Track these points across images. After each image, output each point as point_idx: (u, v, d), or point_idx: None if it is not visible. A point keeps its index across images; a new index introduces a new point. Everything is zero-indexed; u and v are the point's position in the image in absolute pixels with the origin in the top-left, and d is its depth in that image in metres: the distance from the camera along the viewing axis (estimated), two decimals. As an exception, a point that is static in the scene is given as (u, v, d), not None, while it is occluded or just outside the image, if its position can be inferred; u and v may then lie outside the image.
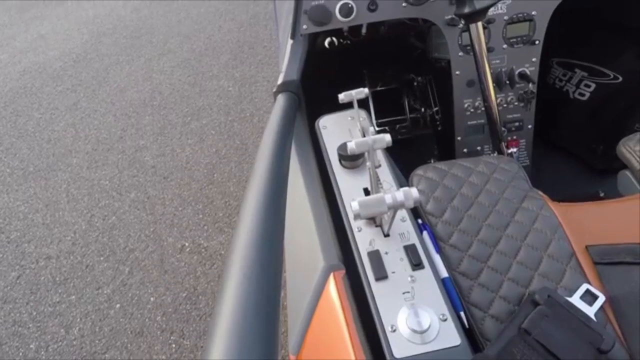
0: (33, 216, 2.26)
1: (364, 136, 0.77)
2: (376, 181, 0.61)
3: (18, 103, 3.43)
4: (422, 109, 1.41)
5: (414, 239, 0.62)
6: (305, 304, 0.57)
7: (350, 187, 0.71)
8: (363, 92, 0.77)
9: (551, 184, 1.21)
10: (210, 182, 2.25)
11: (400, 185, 0.72)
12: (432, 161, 1.30)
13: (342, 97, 0.78)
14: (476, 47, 0.83)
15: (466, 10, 0.77)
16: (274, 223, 0.47)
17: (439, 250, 0.64)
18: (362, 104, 1.57)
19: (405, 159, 1.52)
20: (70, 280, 1.89)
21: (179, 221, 2.06)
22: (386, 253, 0.60)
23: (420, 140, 1.50)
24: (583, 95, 1.24)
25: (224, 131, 2.57)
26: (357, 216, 0.51)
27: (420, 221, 0.67)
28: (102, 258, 1.96)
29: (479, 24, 0.80)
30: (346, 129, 0.80)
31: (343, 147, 0.73)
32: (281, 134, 0.71)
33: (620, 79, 1.16)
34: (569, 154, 1.33)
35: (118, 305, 1.76)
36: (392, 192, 0.51)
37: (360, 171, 0.73)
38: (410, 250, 0.60)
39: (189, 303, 1.72)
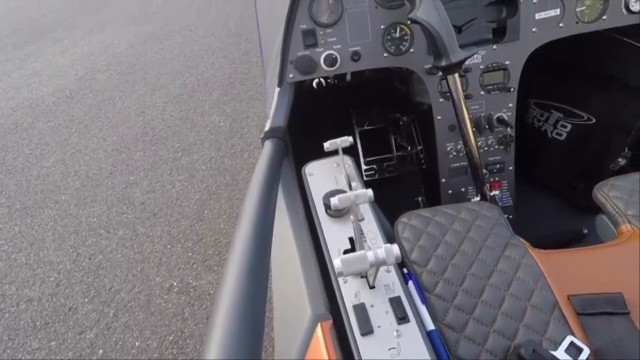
0: (16, 256, 2.20)
1: (350, 184, 0.79)
2: (360, 236, 0.62)
3: (8, 139, 3.43)
4: (409, 148, 1.45)
5: (399, 290, 0.62)
6: (294, 354, 0.57)
7: (336, 236, 0.71)
8: (348, 140, 0.80)
9: (535, 221, 1.23)
10: (201, 219, 2.24)
11: (386, 233, 0.73)
12: (419, 200, 1.32)
13: (328, 145, 0.80)
14: (454, 95, 0.87)
15: (443, 63, 0.82)
16: (259, 271, 0.48)
17: (425, 301, 0.64)
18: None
19: (393, 198, 1.55)
20: (52, 325, 1.82)
21: (167, 260, 2.03)
22: (372, 306, 0.60)
23: (408, 178, 1.53)
24: (561, 135, 1.30)
25: (214, 167, 2.59)
26: (340, 274, 0.52)
27: (405, 271, 0.68)
28: (86, 300, 1.90)
29: (456, 75, 0.85)
30: (332, 176, 0.82)
31: (329, 196, 0.75)
32: (268, 181, 0.73)
33: (594, 120, 1.22)
34: (552, 192, 1.36)
35: (101, 352, 1.69)
36: (375, 250, 0.52)
37: (346, 220, 0.74)
38: (395, 303, 0.60)
39: (176, 347, 1.66)
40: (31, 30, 7.06)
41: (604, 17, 0.96)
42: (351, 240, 0.70)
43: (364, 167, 1.51)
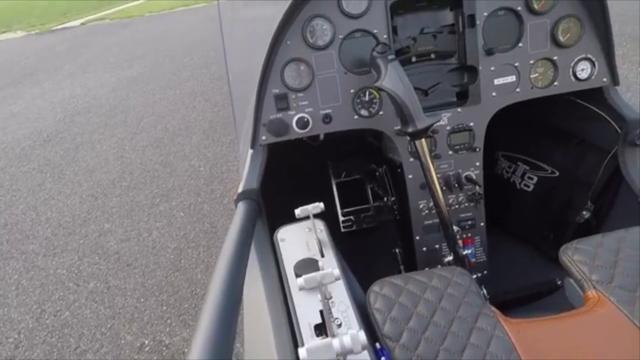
0: (-27, 314, 2.05)
1: (321, 250, 0.79)
2: (328, 316, 0.61)
3: (-23, 185, 3.31)
4: (385, 198, 1.47)
5: None
6: None
7: (307, 308, 0.70)
8: (319, 206, 0.81)
9: (509, 273, 1.25)
10: (177, 268, 2.16)
11: (358, 301, 0.72)
12: (397, 251, 1.32)
13: (299, 212, 0.81)
14: (422, 159, 0.90)
15: (410, 129, 0.86)
16: (224, 342, 0.47)
17: (398, 378, 0.62)
18: (328, 192, 1.63)
19: (370, 249, 1.55)
20: (6, 395, 1.67)
21: (140, 315, 1.92)
22: None
23: (385, 227, 1.54)
24: (528, 186, 1.35)
25: (193, 213, 2.54)
26: None
27: (378, 345, 0.66)
28: (47, 363, 1.76)
29: (423, 140, 0.89)
30: (304, 241, 0.82)
31: (299, 265, 0.74)
32: (240, 245, 0.72)
33: (557, 173, 1.28)
34: (524, 242, 1.40)
35: None
36: (340, 337, 0.51)
37: (317, 291, 0.73)
38: None
39: (144, 416, 1.54)
40: (12, 72, 7.06)
41: (555, 83, 1.04)
42: (321, 313, 0.69)
43: (341, 218, 1.52)
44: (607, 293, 0.66)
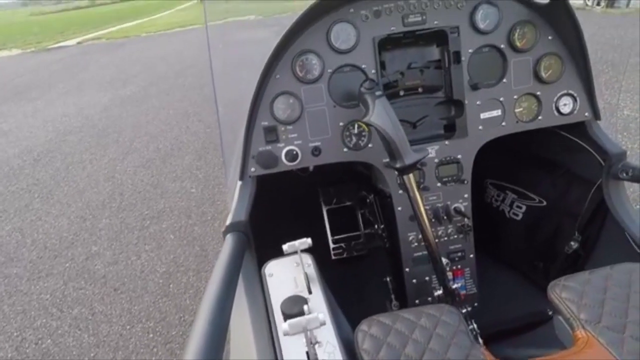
0: (-51, 343, 1.97)
1: (309, 286, 0.78)
2: None
3: (-39, 206, 3.24)
4: (375, 225, 1.47)
5: None
6: None
7: (293, 349, 0.68)
8: (306, 242, 0.80)
9: (500, 303, 1.24)
10: (165, 294, 2.11)
11: (345, 340, 0.71)
12: (387, 280, 1.31)
13: (286, 248, 0.80)
14: (410, 193, 0.91)
15: (397, 165, 0.87)
16: None
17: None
18: (319, 218, 1.63)
19: (361, 277, 1.54)
20: None
21: (125, 343, 1.87)
22: None
23: (375, 254, 1.54)
24: (517, 215, 1.37)
25: (183, 236, 2.51)
26: None
27: None
28: (26, 396, 1.69)
29: (411, 175, 0.90)
30: (292, 277, 0.81)
31: (286, 304, 0.73)
32: (227, 278, 0.71)
33: (545, 203, 1.30)
34: (515, 270, 1.40)
35: None
36: None
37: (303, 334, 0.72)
38: None
39: None
40: (5, 90, 7.03)
41: (540, 117, 1.07)
42: (307, 355, 0.68)
43: (331, 246, 1.51)
44: (595, 334, 0.66)
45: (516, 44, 1.02)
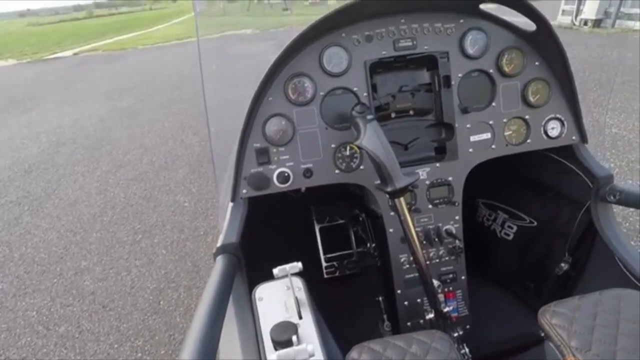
0: None
1: (299, 311, 0.77)
2: None
3: (-53, 219, 3.18)
4: (368, 244, 1.47)
5: None
6: None
7: None
8: (297, 266, 0.80)
9: (492, 324, 1.24)
10: (155, 311, 2.07)
11: None
12: (380, 299, 1.30)
13: (277, 272, 0.79)
14: (401, 217, 0.91)
15: (388, 189, 0.88)
16: None
17: None
18: (312, 236, 1.62)
19: (354, 296, 1.53)
20: None
21: (112, 363, 1.82)
22: None
23: (367, 273, 1.53)
24: (508, 235, 1.38)
25: (175, 251, 2.48)
26: None
27: None
28: (7, 419, 1.64)
29: (402, 198, 0.90)
30: (282, 301, 0.80)
31: (276, 330, 0.72)
32: (217, 302, 0.70)
33: (535, 223, 1.31)
34: (507, 290, 1.40)
35: None
36: None
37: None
38: None
39: None
40: (-2, 101, 7.02)
41: (528, 140, 1.09)
42: None
43: (324, 264, 1.51)
44: None
45: (504, 69, 1.04)
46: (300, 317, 0.76)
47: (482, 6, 0.99)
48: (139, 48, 12.11)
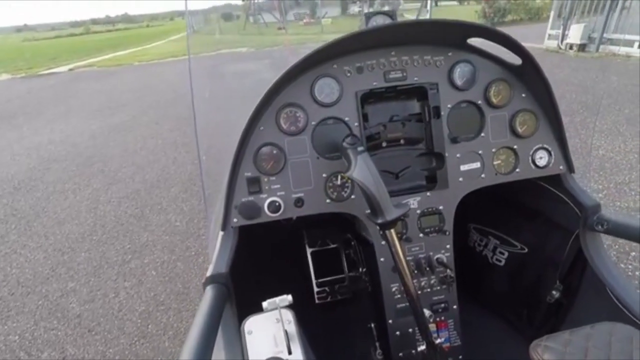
0: None
1: (289, 345, 0.76)
2: None
3: None
4: (360, 268, 1.46)
5: None
6: None
7: None
8: (286, 299, 0.79)
9: (484, 353, 1.22)
10: (143, 335, 2.02)
11: None
12: (372, 326, 1.29)
13: (266, 305, 0.78)
14: (392, 248, 0.90)
15: (379, 221, 0.88)
16: None
17: None
18: (303, 261, 1.61)
19: (345, 321, 1.51)
20: None
21: (95, 391, 1.76)
22: None
23: (359, 297, 1.51)
24: (500, 261, 1.38)
25: (165, 272, 2.44)
26: None
27: None
28: None
29: (392, 230, 0.91)
30: (271, 335, 0.79)
31: None
32: (206, 333, 0.69)
33: (526, 250, 1.32)
34: (498, 316, 1.39)
35: None
36: None
37: None
38: None
39: None
40: (-10, 116, 6.97)
41: (517, 170, 1.11)
42: None
43: (316, 289, 1.49)
44: None
45: (492, 100, 1.07)
46: (290, 352, 0.75)
47: (470, 40, 1.03)
48: (135, 64, 12.19)
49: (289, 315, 0.82)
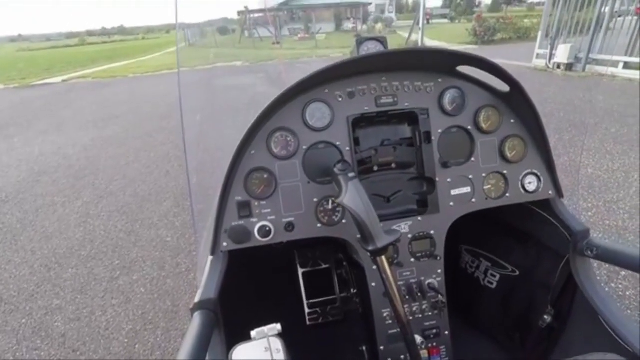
0: None
1: None
2: None
3: None
4: (352, 290, 1.45)
5: None
6: None
7: None
8: (275, 328, 0.78)
9: None
10: (130, 355, 1.97)
11: None
12: (363, 349, 1.27)
13: (254, 334, 0.77)
14: (383, 275, 0.89)
15: (370, 248, 0.84)
16: None
17: None
18: (295, 281, 1.59)
19: (337, 343, 1.49)
20: None
21: (78, 415, 1.70)
22: None
23: (351, 318, 1.50)
24: (492, 283, 1.38)
25: (155, 289, 2.40)
26: None
27: None
28: None
29: (383, 257, 0.90)
30: None
31: None
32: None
33: (517, 272, 1.33)
34: (491, 338, 1.39)
35: None
36: None
37: None
38: None
39: None
40: (-20, 126, 6.88)
41: (507, 194, 1.13)
42: None
43: (307, 311, 1.47)
44: None
45: (482, 125, 1.09)
46: (279, 384, 0.74)
47: (459, 68, 1.05)
48: (130, 76, 12.20)
49: (278, 344, 0.81)
